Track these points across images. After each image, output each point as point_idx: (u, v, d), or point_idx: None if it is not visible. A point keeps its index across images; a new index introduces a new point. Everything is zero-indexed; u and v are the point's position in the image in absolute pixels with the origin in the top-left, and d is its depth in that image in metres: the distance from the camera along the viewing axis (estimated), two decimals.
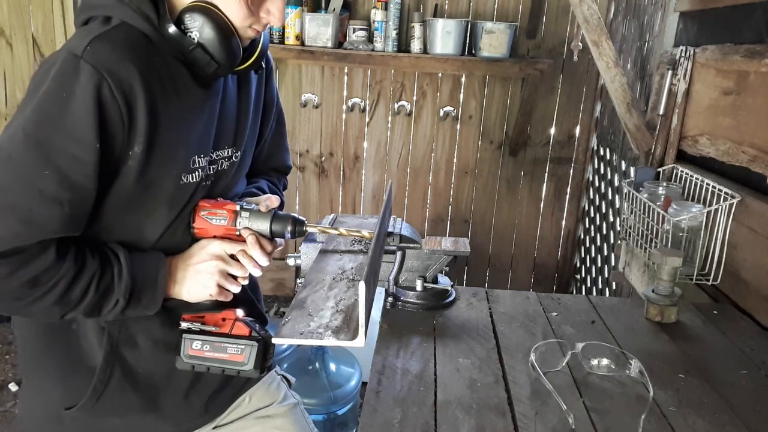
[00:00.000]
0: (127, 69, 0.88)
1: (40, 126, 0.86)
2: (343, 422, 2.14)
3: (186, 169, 0.99)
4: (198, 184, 1.02)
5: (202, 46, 0.95)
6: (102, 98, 0.86)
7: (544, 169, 3.26)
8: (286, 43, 2.85)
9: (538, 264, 3.41)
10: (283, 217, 1.08)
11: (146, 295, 0.98)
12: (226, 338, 1.02)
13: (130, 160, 0.91)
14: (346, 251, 1.15)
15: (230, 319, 1.05)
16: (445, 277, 1.29)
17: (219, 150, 1.06)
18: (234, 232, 1.05)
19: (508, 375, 1.01)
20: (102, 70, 0.86)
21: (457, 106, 3.16)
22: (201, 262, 1.03)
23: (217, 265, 1.03)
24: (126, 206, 0.96)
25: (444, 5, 3.01)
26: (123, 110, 0.88)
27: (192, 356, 1.02)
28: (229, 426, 1.21)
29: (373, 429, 0.86)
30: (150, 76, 0.91)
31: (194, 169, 1.00)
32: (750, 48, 1.48)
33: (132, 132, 0.90)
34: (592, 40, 1.83)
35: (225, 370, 1.02)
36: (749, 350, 1.16)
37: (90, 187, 0.89)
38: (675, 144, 1.80)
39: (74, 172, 0.87)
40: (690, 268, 1.49)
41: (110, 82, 0.86)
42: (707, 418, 0.92)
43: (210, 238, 1.05)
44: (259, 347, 1.02)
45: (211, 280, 1.03)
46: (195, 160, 1.00)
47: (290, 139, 3.23)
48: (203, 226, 1.04)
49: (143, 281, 0.98)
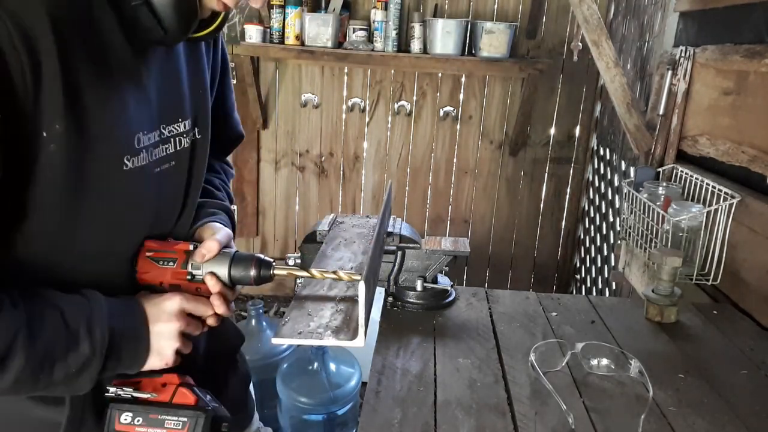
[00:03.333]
0: (35, 11, 0.65)
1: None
2: (343, 422, 2.14)
3: (128, 149, 0.77)
4: (151, 170, 0.81)
5: (149, 4, 0.73)
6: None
7: (544, 169, 3.26)
8: (286, 43, 2.85)
9: (538, 264, 3.41)
10: (245, 258, 0.90)
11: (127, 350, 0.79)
12: (164, 408, 0.82)
13: (52, 143, 0.68)
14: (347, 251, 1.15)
15: (172, 384, 0.85)
16: (445, 277, 1.29)
17: (171, 125, 0.86)
18: (184, 276, 0.87)
19: (508, 375, 1.01)
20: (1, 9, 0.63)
21: (457, 106, 3.16)
22: (160, 322, 0.82)
23: (178, 328, 0.83)
24: (57, 210, 0.72)
25: (444, 5, 3.01)
26: (27, 68, 0.65)
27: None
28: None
29: (373, 429, 0.86)
30: (67, 26, 0.68)
31: (138, 150, 0.79)
32: (750, 48, 1.48)
33: (41, 99, 0.67)
34: (592, 40, 1.83)
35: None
36: (749, 350, 1.16)
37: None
38: (675, 144, 1.80)
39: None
40: (690, 268, 1.49)
41: (9, 26, 0.63)
42: (707, 418, 0.92)
43: (162, 292, 0.86)
44: (206, 420, 0.82)
45: (169, 346, 0.83)
46: (139, 138, 0.79)
47: (290, 139, 3.25)
48: (147, 269, 0.86)
49: (122, 333, 0.77)
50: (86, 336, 0.74)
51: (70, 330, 0.73)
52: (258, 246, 3.38)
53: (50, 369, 0.72)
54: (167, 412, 0.82)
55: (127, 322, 0.79)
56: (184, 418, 0.81)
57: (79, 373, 0.74)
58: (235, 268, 0.89)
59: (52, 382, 0.73)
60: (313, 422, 2.10)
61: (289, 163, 3.29)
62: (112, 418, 0.81)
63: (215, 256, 0.88)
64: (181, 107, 0.88)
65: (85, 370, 0.74)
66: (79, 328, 0.74)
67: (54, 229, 0.74)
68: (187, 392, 0.84)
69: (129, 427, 0.80)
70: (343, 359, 2.21)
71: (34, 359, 0.70)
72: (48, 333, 0.72)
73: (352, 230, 1.21)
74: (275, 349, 2.33)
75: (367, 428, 0.87)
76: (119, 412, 0.81)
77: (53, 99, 0.67)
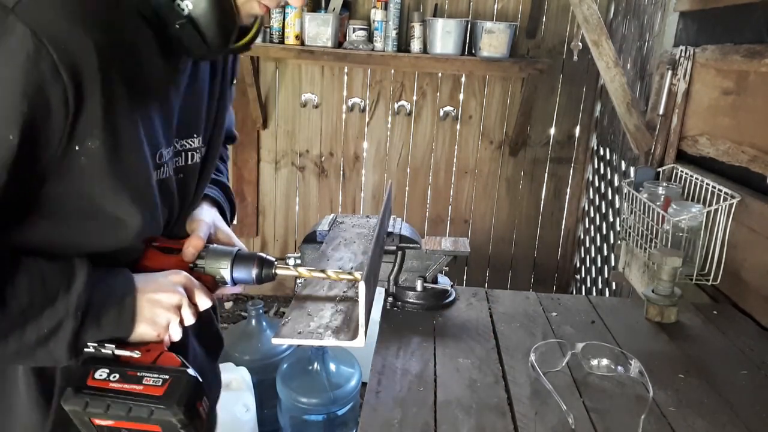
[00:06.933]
0: (79, 36, 0.64)
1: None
2: (343, 422, 2.14)
3: (154, 164, 0.78)
4: (167, 183, 0.82)
5: (193, 21, 0.72)
6: (38, 76, 0.62)
7: (544, 169, 3.26)
8: (286, 43, 2.85)
9: (538, 264, 3.41)
10: (247, 257, 0.88)
11: (107, 315, 0.75)
12: (145, 368, 0.75)
13: (83, 157, 0.69)
14: (347, 251, 1.15)
15: (157, 350, 0.79)
16: (445, 277, 1.29)
17: (184, 139, 0.86)
18: (186, 266, 0.86)
19: (508, 375, 1.01)
20: (42, 35, 0.62)
21: (457, 106, 3.16)
22: (160, 291, 0.79)
23: (180, 300, 0.81)
24: (75, 221, 0.73)
25: (444, 5, 3.00)
26: (70, 94, 0.64)
27: (90, 388, 0.72)
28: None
29: (373, 429, 0.86)
30: (109, 47, 0.67)
31: (161, 164, 0.80)
32: (750, 48, 1.48)
33: (79, 121, 0.67)
34: (592, 40, 1.83)
35: (131, 409, 0.71)
36: (749, 350, 1.16)
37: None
38: (675, 144, 1.80)
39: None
40: (690, 268, 1.49)
41: (53, 53, 0.62)
42: (707, 418, 0.92)
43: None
44: (189, 382, 0.74)
45: (165, 317, 0.79)
46: (162, 153, 0.80)
47: (290, 139, 3.25)
48: (152, 258, 0.85)
49: (104, 297, 0.75)
50: (64, 295, 0.71)
51: (47, 288, 0.71)
52: (258, 246, 3.37)
53: (22, 327, 0.69)
54: (148, 370, 0.75)
55: (111, 288, 0.76)
56: (165, 376, 0.74)
57: (53, 334, 0.70)
58: (237, 267, 0.88)
59: (23, 343, 0.69)
60: (313, 422, 2.10)
61: (289, 163, 3.29)
62: (86, 374, 0.74)
63: (216, 254, 0.88)
64: (197, 124, 0.89)
65: (59, 330, 0.71)
66: (59, 288, 0.71)
67: (73, 239, 0.75)
68: (173, 356, 0.78)
69: (103, 382, 0.73)
70: (343, 359, 2.21)
71: (5, 312, 0.68)
72: (23, 287, 0.69)
73: (352, 230, 1.21)
74: (275, 349, 2.33)
75: (367, 428, 0.87)
76: (94, 369, 0.74)
77: (91, 119, 0.68)
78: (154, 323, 0.79)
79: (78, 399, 0.72)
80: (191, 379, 0.74)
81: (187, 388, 0.73)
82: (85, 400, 0.71)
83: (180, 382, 0.73)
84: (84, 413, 0.72)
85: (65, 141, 0.67)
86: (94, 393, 0.72)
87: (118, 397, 0.72)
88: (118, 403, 0.71)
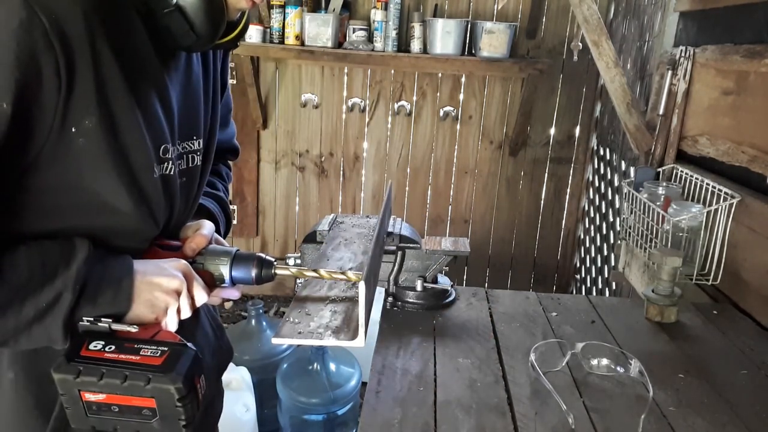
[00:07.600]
0: (71, 8, 0.65)
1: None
2: (343, 422, 2.14)
3: (157, 157, 0.77)
4: (171, 180, 0.81)
5: (181, 9, 0.74)
6: (31, 44, 0.62)
7: (544, 169, 3.26)
8: (286, 43, 2.85)
9: (538, 264, 3.41)
10: (246, 257, 0.88)
11: (104, 294, 0.74)
12: (143, 341, 0.73)
13: (81, 138, 0.68)
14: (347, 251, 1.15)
15: (155, 328, 0.78)
16: (445, 277, 1.29)
17: (185, 141, 0.86)
18: (188, 259, 0.87)
19: (508, 375, 1.01)
20: (34, 3, 0.63)
21: (457, 106, 3.16)
22: (160, 275, 0.79)
23: (179, 285, 0.80)
24: (75, 209, 0.74)
25: (444, 5, 3.00)
26: (62, 63, 0.65)
27: (84, 358, 0.69)
28: None
29: (373, 429, 0.86)
30: (98, 22, 0.68)
31: (165, 159, 0.79)
32: (750, 48, 1.48)
33: (72, 97, 0.67)
34: (592, 40, 1.83)
35: (127, 378, 0.69)
36: (749, 350, 1.16)
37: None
38: (675, 144, 1.80)
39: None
40: (690, 268, 1.49)
41: (45, 22, 0.63)
42: (707, 418, 0.92)
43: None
44: (188, 355, 0.72)
45: (163, 300, 0.79)
46: (167, 148, 0.79)
47: (290, 139, 3.25)
48: (152, 254, 0.84)
49: (102, 275, 0.74)
50: (64, 270, 0.71)
51: (48, 264, 0.71)
52: (258, 246, 3.37)
53: (21, 302, 0.68)
54: (146, 343, 0.73)
55: (109, 268, 0.76)
56: (164, 347, 0.71)
57: (50, 309, 0.70)
58: (237, 267, 0.88)
59: (21, 319, 0.69)
60: (313, 422, 2.11)
61: (289, 163, 3.29)
62: (80, 344, 0.71)
63: (216, 252, 0.88)
64: (196, 126, 0.88)
65: (56, 304, 0.70)
66: (58, 263, 0.71)
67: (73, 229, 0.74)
68: (172, 333, 0.77)
69: (98, 353, 0.70)
70: (343, 359, 2.21)
71: (5, 287, 0.68)
72: (23, 263, 0.69)
73: (352, 230, 1.21)
74: (275, 349, 2.33)
75: (367, 428, 0.87)
76: (89, 340, 0.71)
77: (85, 94, 0.67)
78: (153, 305, 0.78)
79: (70, 367, 0.68)
80: (191, 351, 0.73)
81: (187, 359, 0.72)
82: (78, 368, 0.68)
83: (180, 353, 0.71)
84: (75, 383, 0.69)
85: (59, 120, 0.67)
86: (88, 362, 0.69)
87: (114, 365, 0.69)
88: (114, 371, 0.68)
